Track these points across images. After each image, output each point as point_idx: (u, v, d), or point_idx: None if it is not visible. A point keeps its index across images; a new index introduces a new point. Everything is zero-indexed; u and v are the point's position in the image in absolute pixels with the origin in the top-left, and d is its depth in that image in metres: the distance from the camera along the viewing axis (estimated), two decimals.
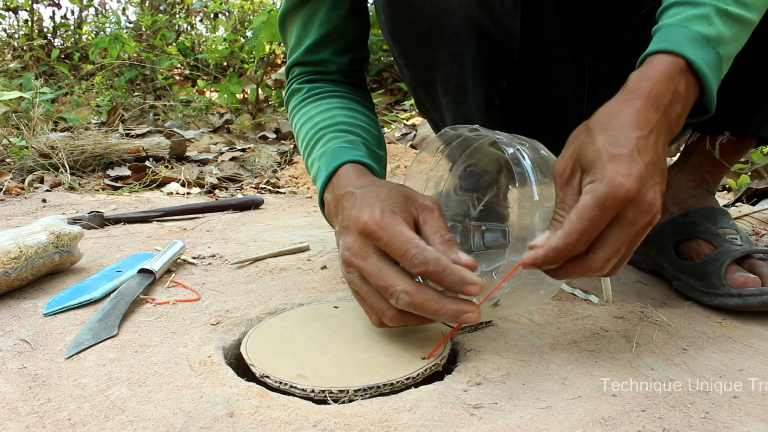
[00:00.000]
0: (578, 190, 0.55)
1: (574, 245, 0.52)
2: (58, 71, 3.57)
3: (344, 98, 0.88)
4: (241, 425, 0.50)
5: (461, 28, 0.74)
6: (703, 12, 0.57)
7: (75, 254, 0.89)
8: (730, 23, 0.58)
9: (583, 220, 0.51)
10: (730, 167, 0.89)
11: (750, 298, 0.72)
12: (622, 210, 0.52)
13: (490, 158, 0.80)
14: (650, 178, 0.52)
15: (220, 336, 0.67)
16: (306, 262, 0.96)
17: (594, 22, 0.88)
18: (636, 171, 0.51)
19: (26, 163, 1.81)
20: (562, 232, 0.52)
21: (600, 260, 0.53)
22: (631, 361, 0.62)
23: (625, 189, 0.50)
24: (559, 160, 0.57)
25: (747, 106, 0.79)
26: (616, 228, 0.52)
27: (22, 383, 0.56)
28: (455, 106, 0.81)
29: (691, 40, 0.56)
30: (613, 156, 0.52)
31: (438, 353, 0.61)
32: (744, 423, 0.51)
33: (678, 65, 0.56)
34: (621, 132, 0.53)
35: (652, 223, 0.54)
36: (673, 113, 0.56)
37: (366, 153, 0.77)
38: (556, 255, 0.53)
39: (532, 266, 0.55)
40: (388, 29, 0.79)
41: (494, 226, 0.83)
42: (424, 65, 0.79)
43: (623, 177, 0.51)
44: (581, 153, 0.55)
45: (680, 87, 0.56)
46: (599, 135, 0.54)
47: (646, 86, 0.55)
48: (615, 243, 0.53)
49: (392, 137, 2.46)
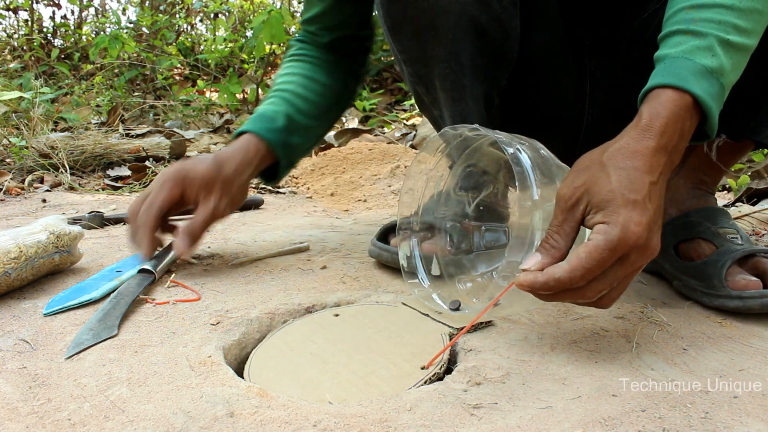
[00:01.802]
0: (579, 219, 0.57)
1: (577, 281, 0.54)
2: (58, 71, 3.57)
3: (315, 66, 1.00)
4: (241, 425, 0.50)
5: (458, 24, 0.74)
6: (707, 44, 0.59)
7: (75, 254, 0.89)
8: (731, 53, 0.59)
9: (592, 259, 0.53)
10: (726, 170, 0.89)
11: (750, 300, 0.72)
12: (627, 253, 0.54)
13: (490, 158, 0.80)
14: (655, 224, 0.56)
15: (220, 336, 0.67)
16: (306, 262, 0.96)
17: (595, 22, 0.88)
18: (647, 219, 0.54)
19: (26, 163, 1.81)
20: (568, 267, 0.54)
21: (594, 291, 0.56)
22: (631, 361, 0.62)
23: (636, 237, 0.53)
24: (566, 185, 0.58)
25: (743, 109, 0.79)
26: (617, 266, 0.55)
27: (22, 383, 0.56)
28: (453, 102, 0.81)
29: (696, 74, 0.58)
30: (628, 201, 0.54)
31: (437, 362, 0.61)
32: (744, 423, 0.51)
33: (686, 103, 0.58)
34: (635, 176, 0.56)
35: (646, 262, 0.57)
36: (677, 152, 0.59)
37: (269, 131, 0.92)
38: (557, 286, 0.55)
39: (528, 290, 0.56)
40: (387, 25, 0.80)
41: (494, 226, 0.83)
42: (422, 61, 0.80)
43: (636, 225, 0.54)
44: (593, 188, 0.56)
45: (686, 125, 0.58)
46: (614, 175, 0.56)
47: (658, 126, 0.57)
48: (611, 279, 0.55)
49: (392, 137, 2.46)
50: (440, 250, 0.82)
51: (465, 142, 0.77)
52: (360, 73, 1.08)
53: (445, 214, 0.83)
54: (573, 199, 0.57)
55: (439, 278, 0.80)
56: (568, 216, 0.57)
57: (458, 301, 0.73)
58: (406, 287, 0.81)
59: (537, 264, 0.56)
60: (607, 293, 0.57)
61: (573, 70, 0.89)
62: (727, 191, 1.78)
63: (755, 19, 0.60)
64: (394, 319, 0.72)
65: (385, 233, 0.95)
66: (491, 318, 0.71)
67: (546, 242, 0.57)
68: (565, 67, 0.88)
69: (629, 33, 0.86)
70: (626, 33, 0.86)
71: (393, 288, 0.84)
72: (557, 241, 0.57)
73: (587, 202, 0.56)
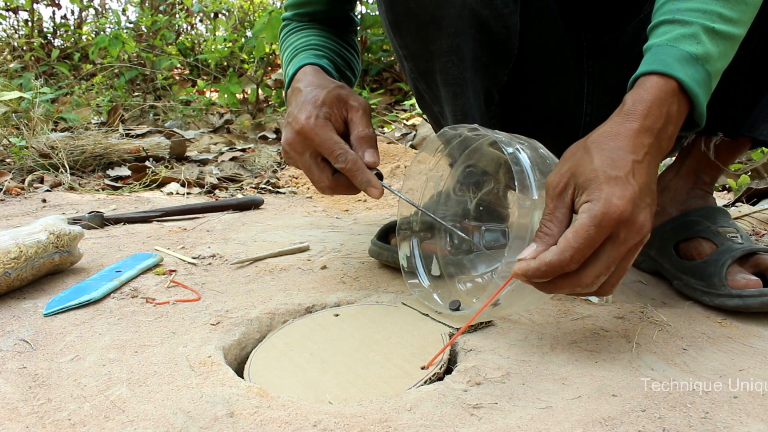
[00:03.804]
0: (569, 204, 0.57)
1: (568, 262, 0.54)
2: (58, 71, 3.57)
3: (324, 30, 1.01)
4: (241, 425, 0.50)
5: (460, 18, 0.74)
6: (691, 31, 0.59)
7: (75, 254, 0.89)
8: (717, 40, 0.60)
9: (579, 238, 0.53)
10: (724, 168, 0.89)
11: (750, 299, 0.72)
12: (615, 230, 0.54)
13: (490, 158, 0.80)
14: (642, 201, 0.55)
15: (220, 336, 0.67)
16: (306, 262, 0.96)
17: (594, 23, 0.88)
18: (630, 193, 0.54)
19: (26, 163, 1.81)
20: (557, 249, 0.54)
21: (590, 276, 0.55)
22: (631, 361, 0.62)
23: (620, 210, 0.53)
24: (554, 173, 0.59)
25: (739, 107, 0.79)
26: (608, 246, 0.54)
27: (22, 383, 0.56)
28: (454, 97, 0.81)
29: (681, 60, 0.58)
30: (610, 177, 0.54)
31: (437, 362, 0.61)
32: (744, 423, 0.51)
33: (670, 87, 0.58)
34: (618, 154, 0.56)
35: (642, 242, 0.56)
36: (665, 135, 0.58)
37: (327, 63, 0.91)
38: (549, 270, 0.54)
39: (522, 278, 0.56)
40: (388, 20, 0.80)
41: (494, 226, 0.83)
42: (423, 56, 0.80)
43: (619, 199, 0.53)
44: (578, 170, 0.56)
45: (672, 108, 0.58)
46: (597, 155, 0.56)
47: (641, 109, 0.57)
48: (605, 260, 0.55)
49: (392, 137, 2.47)
50: (440, 250, 0.82)
51: (464, 142, 0.77)
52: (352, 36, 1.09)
53: (445, 214, 0.83)
54: (561, 185, 0.57)
55: (439, 278, 0.80)
56: (558, 202, 0.57)
57: (458, 301, 0.73)
58: (406, 287, 0.81)
59: (532, 252, 0.56)
60: (606, 279, 0.56)
61: (572, 71, 0.89)
62: (727, 191, 1.78)
63: (741, 9, 0.60)
64: (394, 319, 0.72)
65: (386, 233, 0.95)
66: (491, 318, 0.71)
67: (540, 231, 0.57)
68: (564, 68, 0.88)
69: (626, 34, 0.86)
70: (623, 34, 0.86)
71: (393, 288, 0.84)
72: (550, 229, 0.57)
73: (574, 186, 0.56)
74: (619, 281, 0.58)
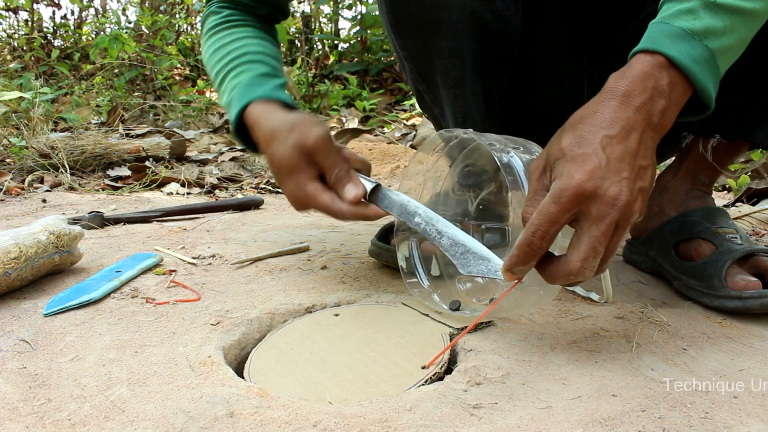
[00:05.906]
0: (547, 187, 0.56)
1: (531, 239, 0.53)
2: (58, 71, 3.57)
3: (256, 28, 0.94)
4: (241, 425, 0.50)
5: (461, 19, 0.74)
6: (688, 7, 0.57)
7: (75, 254, 0.89)
8: (721, 14, 0.57)
9: (541, 215, 0.53)
10: (722, 170, 0.89)
11: (750, 300, 0.72)
12: (585, 206, 0.52)
13: (488, 158, 0.80)
14: (614, 174, 0.53)
15: (220, 336, 0.67)
16: (306, 262, 0.96)
17: (594, 24, 0.88)
18: (591, 166, 0.52)
19: (26, 163, 1.81)
20: (524, 230, 0.54)
21: (576, 261, 0.53)
22: (631, 361, 0.62)
23: (576, 183, 0.52)
24: (535, 159, 0.59)
25: (737, 109, 0.79)
26: (584, 225, 0.53)
27: (22, 383, 0.56)
28: (454, 98, 0.81)
29: (672, 36, 0.56)
30: (575, 155, 0.54)
31: (438, 362, 0.61)
32: (744, 423, 0.51)
33: (656, 62, 0.56)
34: (587, 131, 0.55)
35: (627, 217, 0.53)
36: (654, 109, 0.56)
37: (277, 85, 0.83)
38: (520, 253, 0.54)
39: (507, 272, 0.56)
40: (389, 21, 0.80)
41: (494, 225, 0.83)
42: (424, 57, 0.80)
43: (578, 173, 0.52)
44: (550, 152, 0.56)
45: (661, 82, 0.56)
46: (567, 135, 0.56)
47: (621, 86, 0.56)
48: (588, 241, 0.53)
49: (392, 137, 2.46)
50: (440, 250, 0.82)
51: (462, 142, 0.77)
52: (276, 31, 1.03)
53: (444, 213, 0.83)
54: (539, 169, 0.57)
55: (438, 278, 0.80)
56: (538, 186, 0.57)
57: (458, 301, 0.73)
58: (406, 287, 0.81)
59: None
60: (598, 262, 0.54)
61: (572, 72, 0.89)
62: (727, 191, 1.78)
63: None
64: (394, 319, 0.72)
65: (386, 233, 0.95)
66: (491, 318, 0.71)
67: (523, 218, 0.57)
68: (564, 69, 0.88)
69: (627, 36, 0.86)
70: (624, 36, 0.86)
71: (393, 288, 0.84)
72: (531, 213, 0.55)
73: (550, 169, 0.56)
74: (607, 263, 0.56)
